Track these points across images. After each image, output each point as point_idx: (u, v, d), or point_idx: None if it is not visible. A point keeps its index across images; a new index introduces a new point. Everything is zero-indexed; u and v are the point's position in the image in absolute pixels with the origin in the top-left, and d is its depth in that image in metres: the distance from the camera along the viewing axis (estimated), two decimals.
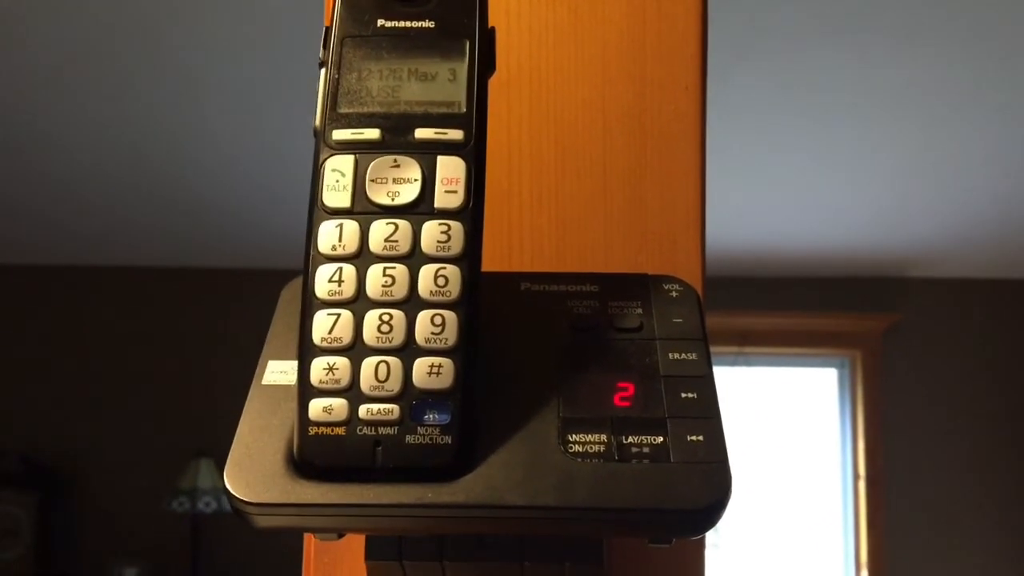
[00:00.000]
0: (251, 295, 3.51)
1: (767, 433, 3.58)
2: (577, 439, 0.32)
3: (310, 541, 0.43)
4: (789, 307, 3.54)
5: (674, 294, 0.38)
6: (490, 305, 0.35)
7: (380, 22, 0.35)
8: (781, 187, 2.85)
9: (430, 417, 0.32)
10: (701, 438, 0.32)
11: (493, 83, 0.36)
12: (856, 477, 3.54)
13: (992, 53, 2.05)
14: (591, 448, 0.32)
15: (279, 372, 0.35)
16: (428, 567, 0.36)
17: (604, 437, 0.32)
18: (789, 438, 3.59)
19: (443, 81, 0.35)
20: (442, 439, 0.31)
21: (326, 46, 0.35)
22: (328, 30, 0.35)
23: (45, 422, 3.42)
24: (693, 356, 0.35)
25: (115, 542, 3.41)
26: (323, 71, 0.35)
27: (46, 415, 3.42)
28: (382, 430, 0.32)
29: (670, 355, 0.35)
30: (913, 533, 3.44)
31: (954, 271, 3.51)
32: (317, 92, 0.35)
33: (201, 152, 2.58)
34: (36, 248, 3.33)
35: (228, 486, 0.32)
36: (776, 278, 3.56)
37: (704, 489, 0.31)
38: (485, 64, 0.35)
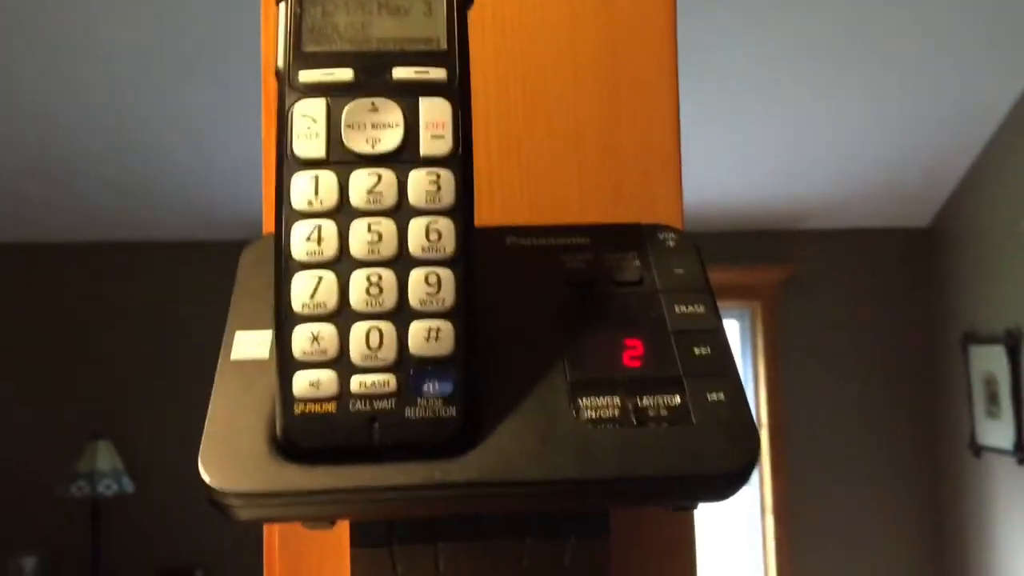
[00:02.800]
0: (145, 268, 3.37)
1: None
2: (589, 403, 0.30)
3: (272, 530, 0.39)
4: None
5: (671, 244, 0.35)
6: (476, 262, 0.32)
7: None
8: (685, 144, 2.88)
9: (431, 387, 0.28)
10: (722, 396, 0.30)
11: None
12: (759, 426, 3.64)
13: (875, 5, 2.09)
14: (605, 413, 0.30)
15: (250, 344, 0.32)
16: (421, 551, 0.33)
17: (618, 400, 0.30)
18: None
19: (418, 15, 0.31)
20: (446, 411, 0.28)
21: None
22: None
23: None
24: (701, 309, 0.33)
25: (10, 531, 3.25)
26: (282, 6, 0.31)
27: None
28: (378, 404, 0.28)
29: (676, 308, 0.33)
30: (813, 478, 3.56)
31: (845, 222, 3.61)
32: (278, 31, 0.31)
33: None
34: None
35: (204, 475, 0.28)
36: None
37: (732, 451, 0.29)
38: None
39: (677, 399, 0.30)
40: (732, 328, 3.75)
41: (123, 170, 2.80)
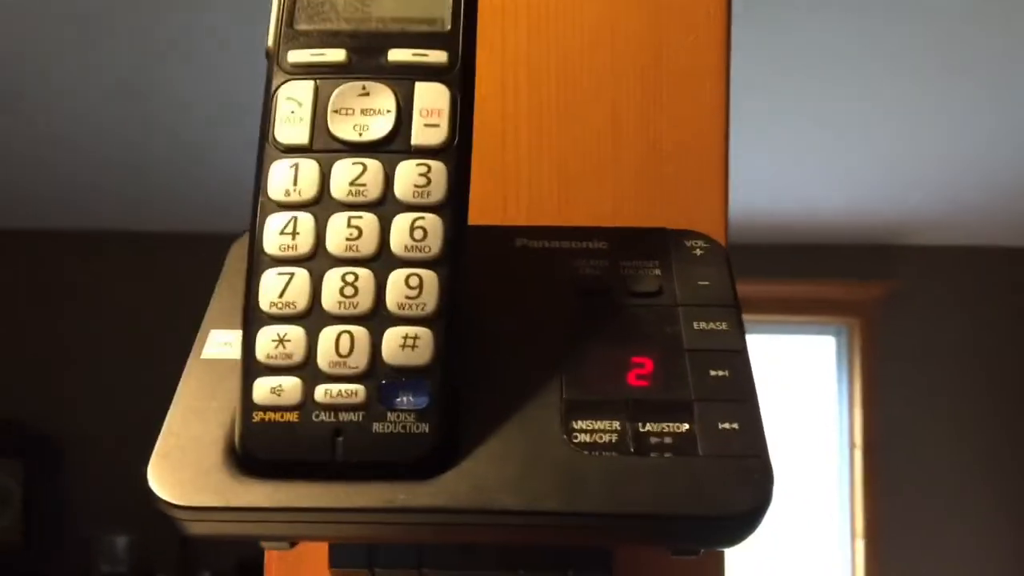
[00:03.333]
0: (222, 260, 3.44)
1: (763, 401, 3.54)
2: (584, 427, 0.27)
3: None
4: (787, 274, 3.48)
5: (698, 252, 0.32)
6: (479, 264, 0.29)
7: None
8: (780, 152, 2.79)
9: (403, 400, 0.26)
10: (735, 426, 0.27)
11: (485, 9, 0.30)
12: (852, 446, 3.51)
13: (992, 19, 1.98)
14: (601, 438, 0.26)
15: (222, 344, 0.29)
16: None
17: (617, 424, 0.27)
18: (786, 406, 3.56)
19: None
20: (418, 427, 0.26)
21: None
22: None
23: (32, 390, 3.36)
24: (723, 326, 0.29)
25: (104, 510, 3.36)
26: None
27: (33, 383, 3.36)
28: (343, 416, 0.26)
29: (695, 325, 0.29)
30: (909, 502, 3.42)
31: (952, 239, 3.45)
32: (271, 6, 0.29)
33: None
34: (14, 212, 3.26)
35: (152, 485, 0.26)
36: (774, 244, 3.50)
37: (740, 490, 0.25)
38: None
39: (684, 426, 0.27)
40: (828, 345, 3.62)
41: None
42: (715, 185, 0.38)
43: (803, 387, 3.61)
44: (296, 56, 0.28)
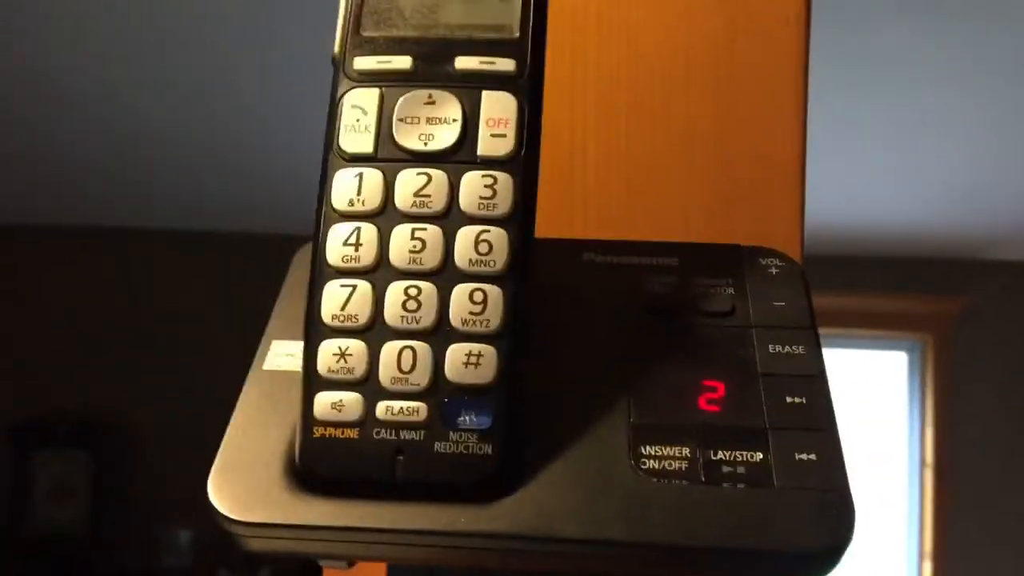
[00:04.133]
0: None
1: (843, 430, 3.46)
2: (653, 453, 0.25)
3: None
4: (858, 286, 3.40)
5: (773, 271, 0.30)
6: (544, 279, 0.29)
7: None
8: (856, 159, 2.73)
9: (466, 419, 0.25)
10: (813, 457, 0.25)
11: (553, 11, 0.29)
12: (923, 465, 3.42)
13: None
14: (671, 465, 0.25)
15: (284, 355, 0.29)
16: None
17: (687, 451, 0.25)
18: (856, 422, 3.48)
19: (492, 0, 0.28)
20: (480, 448, 0.25)
21: None
22: None
23: (102, 384, 3.44)
24: (800, 350, 0.28)
25: (169, 505, 3.43)
26: None
27: (103, 377, 3.44)
28: (405, 434, 0.25)
29: (770, 347, 0.28)
30: (979, 524, 3.31)
31: None
32: (338, 12, 0.29)
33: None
34: (92, 209, 3.34)
35: (212, 499, 0.25)
36: (845, 255, 3.42)
37: (818, 526, 0.24)
38: None
39: (758, 456, 0.25)
40: (900, 361, 3.53)
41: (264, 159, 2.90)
42: (791, 200, 0.37)
43: (873, 402, 3.53)
44: (362, 63, 0.27)
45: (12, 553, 3.28)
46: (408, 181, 0.26)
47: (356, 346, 0.25)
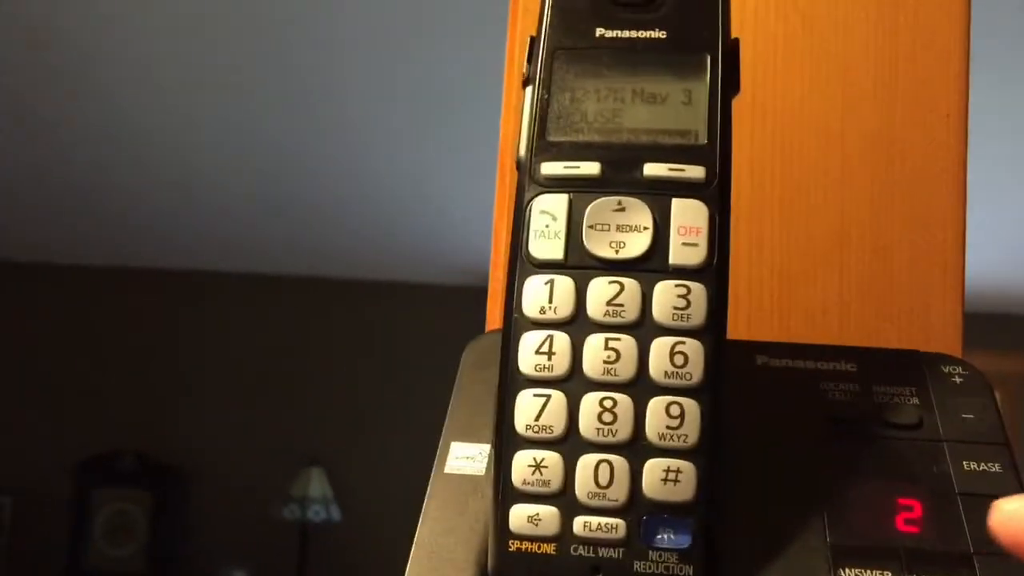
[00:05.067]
0: (369, 306, 3.51)
1: None
2: None
3: None
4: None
5: (957, 380, 0.30)
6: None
7: (600, 32, 0.28)
8: None
9: (665, 538, 0.24)
10: None
11: None
12: None
13: None
14: None
15: (464, 458, 0.29)
16: None
17: (889, 575, 0.25)
18: None
19: (676, 104, 0.28)
20: (681, 569, 0.24)
21: (532, 60, 0.29)
22: (535, 40, 0.29)
23: (162, 423, 3.48)
24: (996, 467, 0.27)
25: (224, 545, 3.44)
26: (529, 89, 0.29)
27: (163, 416, 3.48)
28: (603, 552, 0.25)
29: (964, 465, 0.27)
30: None
31: None
32: (522, 115, 0.29)
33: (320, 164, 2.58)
34: (158, 252, 3.40)
35: None
36: None
37: None
38: (728, 83, 0.28)
39: None
40: None
41: (361, 215, 2.93)
42: (951, 302, 0.36)
43: None
44: (549, 168, 0.27)
45: None
46: (600, 289, 0.26)
47: (552, 458, 0.25)
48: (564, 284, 0.26)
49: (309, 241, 3.21)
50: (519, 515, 0.25)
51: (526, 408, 0.26)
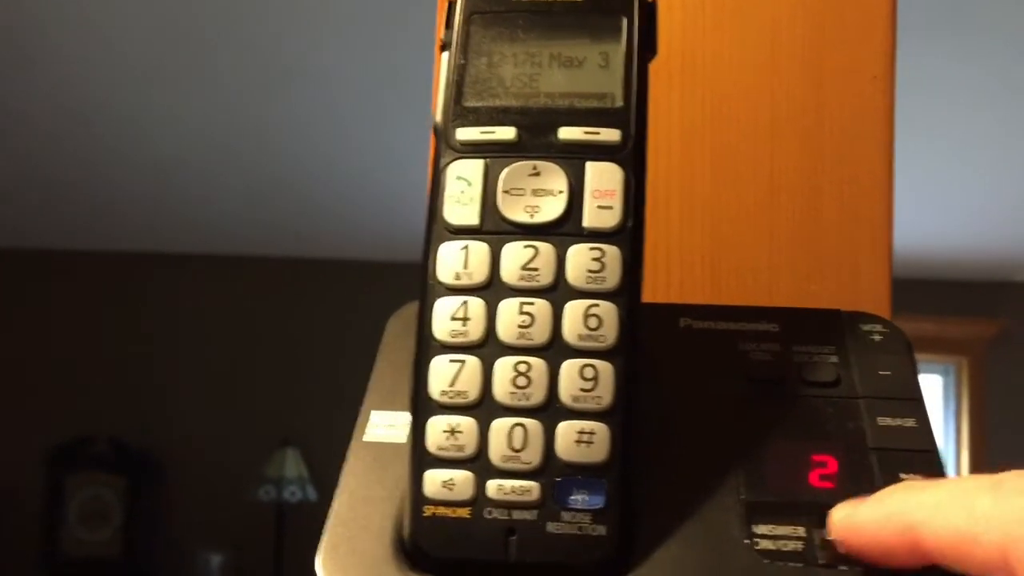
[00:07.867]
0: (337, 285, 3.50)
1: None
2: (768, 531, 0.25)
3: None
4: (893, 310, 3.37)
5: (876, 338, 0.30)
6: (643, 347, 0.28)
7: None
8: (898, 181, 2.71)
9: (579, 499, 0.25)
10: None
11: None
12: None
13: None
14: (786, 546, 0.25)
15: (385, 426, 0.29)
16: None
17: (802, 531, 0.25)
18: None
19: (593, 67, 0.28)
20: (594, 528, 0.24)
21: (449, 25, 0.28)
22: (452, 5, 0.29)
23: (135, 408, 3.46)
24: (911, 422, 0.27)
25: (201, 527, 3.44)
26: (445, 55, 0.28)
27: (136, 401, 3.46)
28: (517, 514, 0.25)
29: (879, 420, 0.27)
30: None
31: None
32: (439, 81, 0.29)
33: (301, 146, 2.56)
34: (126, 235, 3.37)
35: (321, 574, 0.25)
36: None
37: None
38: (645, 45, 0.28)
39: None
40: (934, 384, 3.50)
41: (333, 194, 2.92)
42: (878, 261, 0.36)
43: None
44: (465, 134, 0.27)
45: (45, 575, 3.29)
46: (515, 254, 0.26)
47: (466, 423, 0.25)
48: (479, 249, 0.26)
49: (283, 223, 3.19)
50: (433, 480, 0.25)
51: (441, 374, 0.26)
